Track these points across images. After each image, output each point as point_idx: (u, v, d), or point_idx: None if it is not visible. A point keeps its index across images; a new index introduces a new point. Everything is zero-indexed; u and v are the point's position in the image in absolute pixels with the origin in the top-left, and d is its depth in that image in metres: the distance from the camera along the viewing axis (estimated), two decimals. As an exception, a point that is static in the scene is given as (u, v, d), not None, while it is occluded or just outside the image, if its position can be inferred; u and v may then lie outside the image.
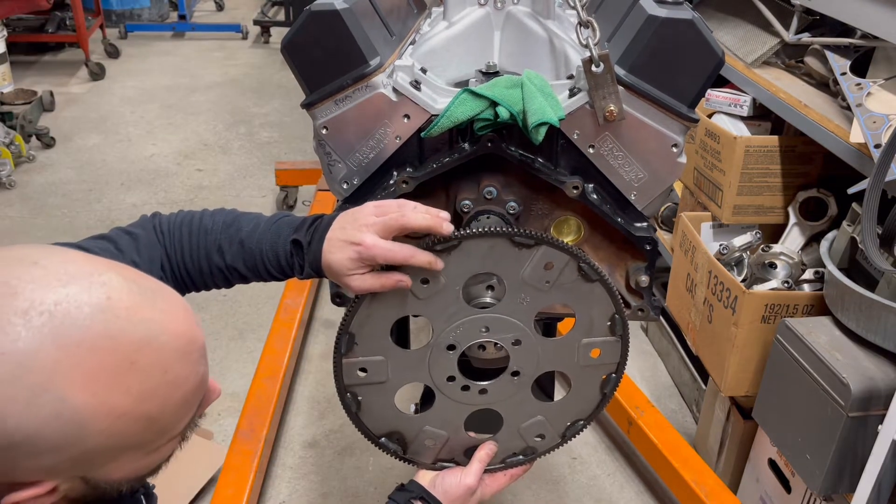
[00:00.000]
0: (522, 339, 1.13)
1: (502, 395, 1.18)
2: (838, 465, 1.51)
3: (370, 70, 1.12)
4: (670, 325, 2.64)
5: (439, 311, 1.11)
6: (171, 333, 0.72)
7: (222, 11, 7.15)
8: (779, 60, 2.09)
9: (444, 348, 1.13)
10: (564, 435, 1.25)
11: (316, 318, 2.87)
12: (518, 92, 1.07)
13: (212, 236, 1.07)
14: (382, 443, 1.24)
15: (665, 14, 1.05)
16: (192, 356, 0.75)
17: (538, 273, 1.08)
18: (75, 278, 0.68)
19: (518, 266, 1.07)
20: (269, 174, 3.82)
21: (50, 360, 0.64)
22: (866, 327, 1.53)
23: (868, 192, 1.40)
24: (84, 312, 0.66)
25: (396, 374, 1.16)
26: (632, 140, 1.12)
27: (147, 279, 0.75)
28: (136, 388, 0.69)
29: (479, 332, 1.12)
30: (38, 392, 0.64)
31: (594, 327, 1.14)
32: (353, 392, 1.18)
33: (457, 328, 1.12)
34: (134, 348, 0.68)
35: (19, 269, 0.66)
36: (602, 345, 1.15)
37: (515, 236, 1.05)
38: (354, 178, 1.20)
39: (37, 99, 4.41)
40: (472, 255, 1.06)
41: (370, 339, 1.13)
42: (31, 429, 0.65)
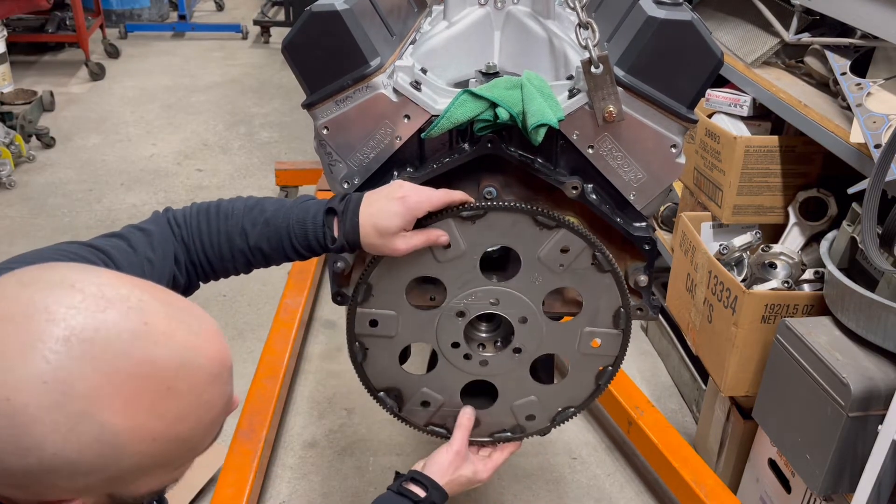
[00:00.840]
0: (529, 317, 1.17)
1: (501, 369, 1.23)
2: (838, 465, 1.51)
3: (371, 70, 1.12)
4: (670, 325, 2.64)
5: (455, 276, 1.15)
6: (206, 357, 0.73)
7: (222, 11, 7.15)
8: (779, 60, 2.09)
9: (454, 314, 1.18)
10: (554, 419, 1.28)
11: (316, 318, 2.87)
12: (518, 93, 1.08)
13: (233, 220, 1.08)
14: (381, 397, 1.28)
15: (664, 15, 1.05)
16: (224, 377, 0.76)
17: (554, 255, 1.12)
18: (112, 303, 0.68)
19: (536, 245, 1.12)
20: (269, 174, 3.82)
21: (91, 387, 0.65)
22: (866, 327, 1.53)
23: (868, 192, 1.40)
24: (123, 339, 0.67)
25: (405, 331, 1.21)
26: (631, 141, 1.12)
27: (179, 300, 0.76)
28: (172, 412, 0.70)
29: (489, 303, 1.17)
30: (80, 419, 0.65)
31: (599, 317, 1.17)
32: (361, 342, 1.23)
33: (468, 296, 1.16)
34: (171, 374, 0.69)
35: (58, 293, 0.67)
36: (604, 336, 1.19)
37: (538, 215, 1.09)
38: (355, 178, 1.20)
39: (37, 99, 4.41)
40: (495, 226, 1.11)
41: (386, 294, 1.18)
42: (71, 454, 0.65)
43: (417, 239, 1.08)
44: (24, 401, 0.63)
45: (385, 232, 1.06)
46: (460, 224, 1.11)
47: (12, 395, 0.63)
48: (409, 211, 1.06)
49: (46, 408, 0.63)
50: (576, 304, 1.28)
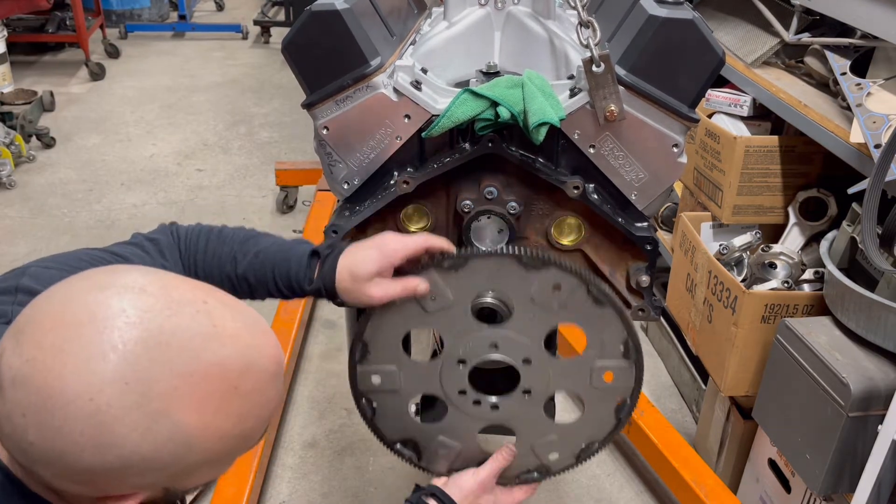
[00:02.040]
0: (532, 357, 1.13)
1: (514, 412, 1.18)
2: (838, 465, 1.51)
3: (371, 70, 1.12)
4: (670, 325, 2.64)
5: (448, 325, 1.12)
6: (267, 358, 0.76)
7: (222, 11, 7.15)
8: (779, 60, 2.09)
9: (455, 362, 1.14)
10: (579, 457, 1.23)
11: (316, 318, 2.87)
12: (519, 92, 1.08)
13: (227, 246, 1.10)
14: (398, 449, 1.25)
15: (665, 14, 1.05)
16: (280, 376, 0.79)
17: (546, 294, 1.08)
18: (182, 306, 0.72)
19: (526, 286, 1.08)
20: (269, 174, 3.82)
21: (169, 388, 0.68)
22: (866, 327, 1.53)
23: (868, 192, 1.40)
24: (196, 342, 0.70)
25: (408, 384, 1.18)
26: (632, 140, 1.12)
27: (236, 301, 0.79)
28: (238, 410, 0.73)
29: (488, 348, 1.13)
30: (157, 418, 0.68)
31: (606, 350, 1.13)
32: (368, 398, 1.20)
33: (466, 343, 1.13)
34: (238, 374, 0.73)
35: (132, 297, 0.70)
36: (615, 369, 1.14)
37: (523, 258, 1.05)
38: (355, 178, 1.20)
39: (37, 99, 4.41)
40: (479, 273, 1.07)
41: (383, 349, 1.15)
42: (147, 452, 0.68)
43: (394, 288, 1.06)
44: (107, 401, 0.66)
45: (359, 277, 1.05)
46: (444, 273, 1.08)
47: (95, 396, 0.66)
48: (384, 256, 1.05)
49: (128, 407, 0.66)
50: None
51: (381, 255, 1.05)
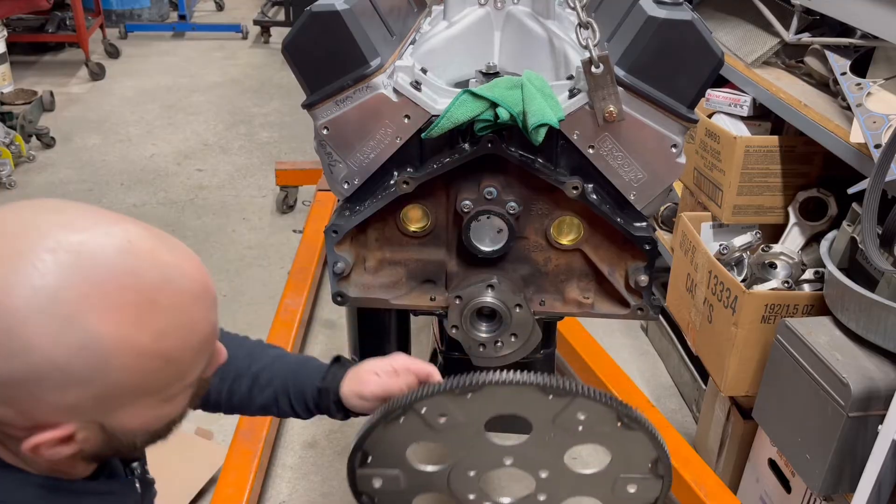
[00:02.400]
0: (551, 471, 1.08)
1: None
2: (838, 465, 1.51)
3: (371, 70, 1.12)
4: (670, 325, 2.64)
5: (457, 442, 1.06)
6: (189, 277, 0.76)
7: (222, 11, 7.15)
8: (779, 60, 2.09)
9: (465, 473, 1.09)
10: None
11: (316, 318, 2.87)
12: (518, 93, 1.08)
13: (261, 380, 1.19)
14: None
15: (665, 15, 1.05)
16: (206, 303, 0.78)
17: (571, 419, 1.01)
18: (98, 224, 0.72)
19: (549, 411, 1.01)
20: (269, 174, 3.82)
21: (79, 293, 0.68)
22: (866, 327, 1.53)
23: (868, 192, 1.40)
24: (108, 253, 0.70)
25: (413, 485, 1.12)
26: (631, 140, 1.12)
27: (162, 232, 0.79)
28: (156, 326, 0.72)
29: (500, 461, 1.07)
30: (67, 323, 0.67)
31: (633, 464, 1.06)
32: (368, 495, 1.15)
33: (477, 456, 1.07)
34: (155, 287, 0.72)
35: (47, 214, 0.71)
36: (640, 482, 1.08)
37: (548, 388, 0.98)
38: (355, 179, 1.20)
39: (37, 99, 4.41)
40: (496, 398, 1.00)
41: (385, 457, 1.10)
42: (59, 360, 0.68)
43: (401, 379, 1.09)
44: (14, 304, 0.66)
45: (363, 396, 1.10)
46: (453, 398, 1.01)
47: (3, 299, 0.66)
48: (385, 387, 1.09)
49: (35, 311, 0.67)
50: (577, 305, 1.28)
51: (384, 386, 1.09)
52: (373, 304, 1.31)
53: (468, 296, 1.21)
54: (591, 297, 1.28)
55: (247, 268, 3.21)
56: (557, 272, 1.27)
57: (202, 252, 3.30)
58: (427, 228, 1.24)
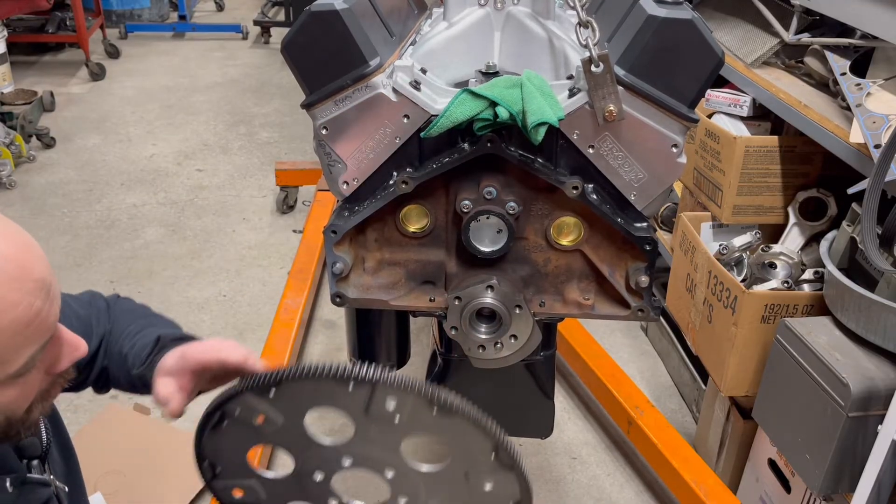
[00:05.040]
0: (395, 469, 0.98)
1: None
2: (838, 465, 1.51)
3: (370, 70, 1.12)
4: (670, 325, 2.64)
5: (289, 443, 0.99)
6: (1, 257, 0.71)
7: (222, 11, 7.15)
8: (779, 60, 2.09)
9: (310, 477, 1.01)
10: None
11: (316, 318, 2.87)
12: (517, 92, 1.08)
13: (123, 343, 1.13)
14: None
15: (665, 14, 1.05)
16: (25, 285, 0.73)
17: (382, 410, 0.92)
18: None
19: (357, 401, 0.92)
20: (269, 174, 3.82)
21: None
22: (866, 327, 1.53)
23: (868, 192, 1.40)
24: None
25: (273, 495, 1.05)
26: (631, 140, 1.12)
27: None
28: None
29: (342, 463, 0.99)
30: None
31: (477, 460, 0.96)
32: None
33: (313, 459, 1.00)
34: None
35: None
36: (494, 479, 0.97)
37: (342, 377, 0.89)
38: (354, 179, 1.20)
39: (37, 99, 4.41)
40: (302, 393, 0.93)
41: (232, 466, 1.04)
42: None
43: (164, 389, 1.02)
44: None
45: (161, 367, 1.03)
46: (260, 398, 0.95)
47: None
48: (181, 356, 1.02)
49: None
50: (577, 306, 1.28)
51: (181, 355, 1.02)
52: (372, 304, 1.31)
53: (467, 296, 1.21)
54: (591, 298, 1.28)
55: (247, 268, 3.21)
56: (557, 273, 1.26)
57: (202, 252, 3.30)
58: (426, 229, 1.24)
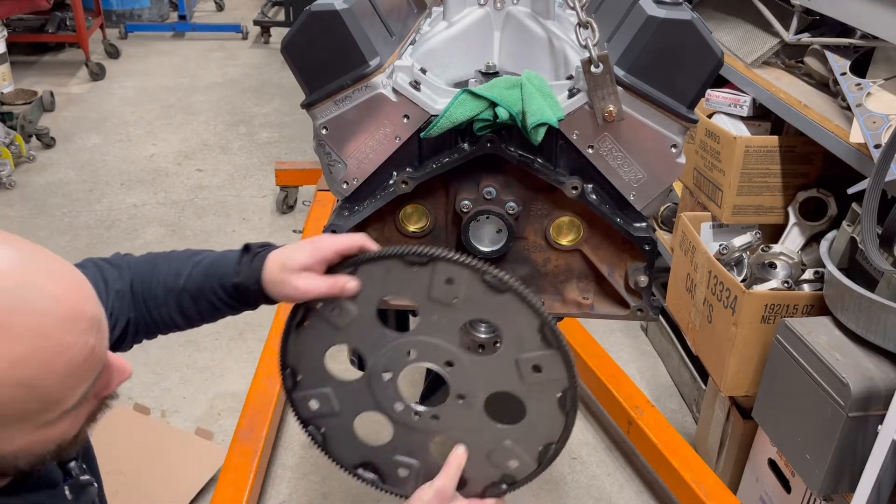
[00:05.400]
0: (453, 359, 1.07)
1: (455, 420, 1.11)
2: (838, 465, 1.51)
3: (370, 70, 1.12)
4: (670, 325, 2.64)
5: (362, 339, 1.08)
6: (53, 299, 0.71)
7: (222, 11, 7.15)
8: (779, 60, 2.09)
9: (381, 376, 1.10)
10: (540, 461, 1.14)
11: (316, 318, 2.87)
12: (517, 92, 1.08)
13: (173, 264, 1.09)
14: (358, 473, 1.21)
15: (664, 15, 1.05)
16: (78, 325, 0.73)
17: (442, 290, 1.02)
18: None
19: (420, 286, 1.02)
20: (269, 174, 3.82)
21: None
22: (866, 327, 1.53)
23: (868, 192, 1.40)
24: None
25: (346, 404, 1.13)
26: (631, 140, 1.12)
27: (41, 251, 0.74)
28: (10, 352, 0.67)
29: (406, 356, 1.07)
30: None
31: (525, 341, 1.04)
32: (315, 424, 1.16)
33: (384, 355, 1.08)
34: (7, 312, 0.67)
35: None
36: (541, 359, 1.04)
37: (407, 256, 1.00)
38: (354, 179, 1.20)
39: (37, 99, 4.41)
40: (373, 278, 1.02)
41: (310, 373, 1.12)
42: None
43: (321, 283, 1.01)
44: None
45: (287, 266, 1.02)
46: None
47: None
48: (316, 249, 1.02)
49: None
50: (576, 306, 1.28)
51: (314, 247, 1.02)
52: (372, 303, 1.31)
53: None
54: (590, 298, 1.28)
55: (247, 268, 3.21)
56: (557, 273, 1.27)
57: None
58: (426, 229, 1.24)
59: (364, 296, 1.04)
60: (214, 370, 2.58)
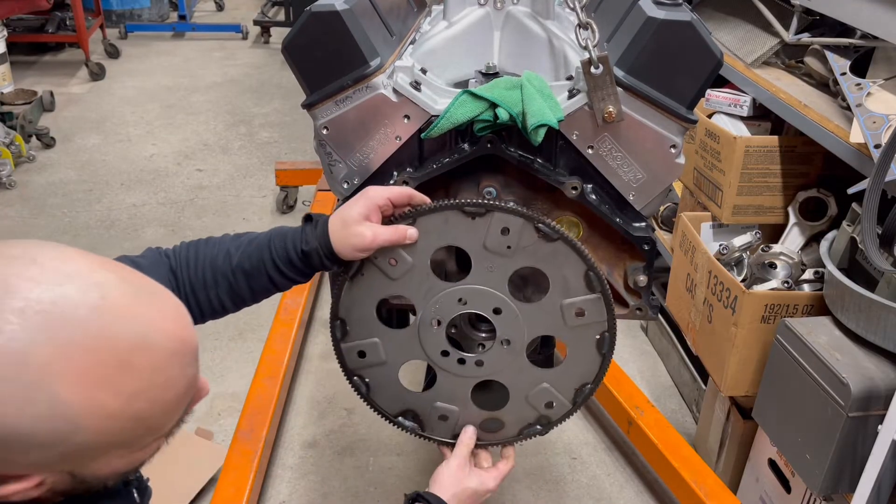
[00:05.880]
0: (501, 306, 1.15)
1: (499, 365, 1.20)
2: (838, 465, 1.51)
3: (370, 71, 1.12)
4: (670, 325, 2.64)
5: (415, 289, 1.15)
6: (165, 334, 0.72)
7: (222, 11, 7.15)
8: (779, 60, 2.09)
9: (430, 324, 1.17)
10: (575, 401, 1.24)
11: (316, 318, 2.87)
12: (517, 93, 1.08)
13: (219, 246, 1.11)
14: (399, 421, 1.28)
15: (664, 16, 1.05)
16: (185, 358, 0.75)
17: (497, 239, 1.10)
18: (71, 278, 0.68)
19: (476, 235, 1.10)
20: (269, 174, 3.82)
21: (45, 357, 0.65)
22: (866, 327, 1.53)
23: (868, 192, 1.40)
24: (79, 312, 0.67)
25: (393, 354, 1.20)
26: (630, 141, 1.12)
27: (143, 279, 0.75)
28: (128, 388, 0.69)
29: (457, 304, 1.15)
30: (33, 390, 0.65)
31: (570, 286, 1.13)
32: (359, 375, 1.23)
33: (435, 303, 1.16)
34: (127, 348, 0.69)
35: (18, 267, 0.67)
36: (584, 303, 1.15)
37: (466, 206, 1.08)
38: (355, 178, 1.20)
39: (37, 99, 4.41)
40: (430, 230, 1.10)
41: (360, 323, 1.18)
42: (25, 426, 0.65)
43: (385, 231, 1.07)
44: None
45: (348, 220, 1.06)
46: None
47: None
48: (369, 199, 1.07)
49: (3, 378, 0.63)
50: None
51: (366, 198, 1.07)
52: (372, 303, 1.32)
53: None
54: (590, 298, 1.28)
55: (247, 268, 3.21)
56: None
57: (202, 252, 3.30)
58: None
59: (420, 246, 1.11)
60: (214, 370, 2.58)
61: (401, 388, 1.25)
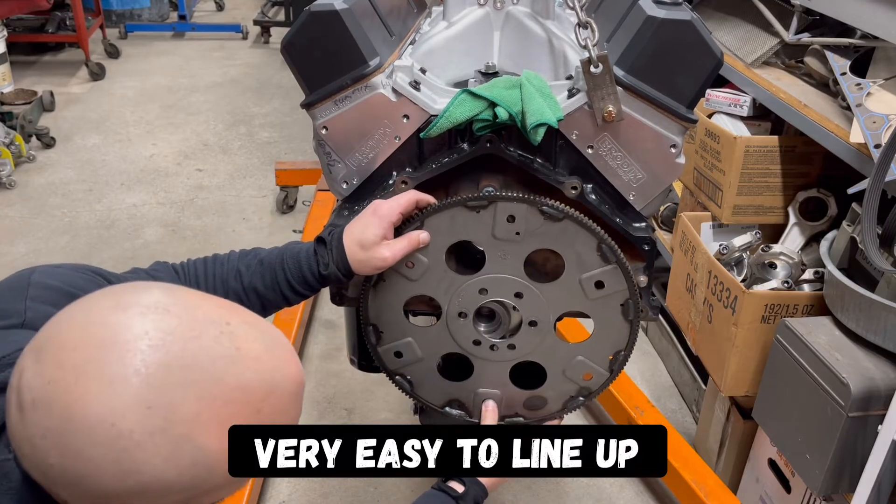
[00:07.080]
0: (522, 290, 1.18)
1: (531, 345, 1.23)
2: (838, 465, 1.51)
3: (370, 70, 1.12)
4: (670, 325, 2.64)
5: (435, 286, 1.19)
6: (289, 379, 0.77)
7: (222, 11, 7.15)
8: (779, 60, 2.09)
9: (457, 317, 1.21)
10: (612, 369, 1.27)
11: (316, 318, 2.87)
12: (517, 93, 1.08)
13: (229, 265, 1.12)
14: (446, 412, 1.32)
15: (664, 15, 1.05)
16: (300, 398, 0.80)
17: (505, 228, 1.13)
18: (206, 327, 0.72)
19: (484, 227, 1.13)
20: (269, 174, 3.82)
21: (192, 413, 0.68)
22: (866, 327, 1.53)
23: (868, 192, 1.40)
24: (219, 366, 0.70)
25: (428, 349, 1.25)
26: (630, 141, 1.12)
27: (260, 321, 0.79)
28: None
29: (479, 294, 1.19)
30: (180, 443, 0.68)
31: (585, 261, 1.15)
32: (400, 374, 1.29)
33: (458, 297, 1.19)
34: (261, 397, 0.73)
35: (155, 318, 0.69)
36: (601, 275, 1.16)
37: (468, 201, 1.11)
38: (354, 178, 1.20)
39: (37, 99, 4.41)
40: (439, 229, 1.14)
41: (391, 326, 1.23)
42: (170, 477, 0.69)
43: (400, 244, 1.11)
44: (129, 426, 0.66)
45: (367, 244, 1.09)
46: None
47: (118, 421, 0.65)
48: (382, 219, 1.09)
49: (150, 433, 0.66)
50: None
51: (380, 218, 1.09)
52: (372, 303, 1.32)
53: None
54: (590, 298, 1.28)
55: (247, 268, 3.21)
56: (556, 272, 1.26)
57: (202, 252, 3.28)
58: (426, 228, 1.24)
59: (432, 246, 1.15)
60: (214, 370, 2.58)
61: (441, 381, 1.29)
